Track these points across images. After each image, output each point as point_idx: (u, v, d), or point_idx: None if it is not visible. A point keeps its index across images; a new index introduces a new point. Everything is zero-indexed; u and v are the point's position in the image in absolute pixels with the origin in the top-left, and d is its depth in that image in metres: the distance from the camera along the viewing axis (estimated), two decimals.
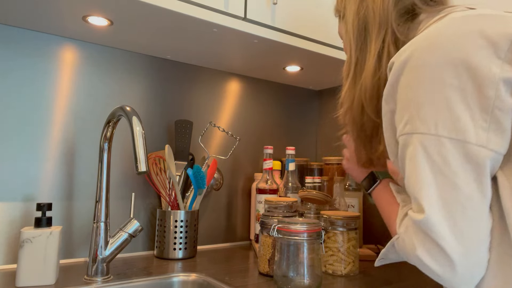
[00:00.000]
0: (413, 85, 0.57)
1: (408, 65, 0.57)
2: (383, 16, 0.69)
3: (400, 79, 0.58)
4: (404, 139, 0.58)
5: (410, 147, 0.57)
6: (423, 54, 0.56)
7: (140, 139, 0.79)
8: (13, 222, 0.96)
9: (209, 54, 1.18)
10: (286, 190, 1.19)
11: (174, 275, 0.90)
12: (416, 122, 0.56)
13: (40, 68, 1.01)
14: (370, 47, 0.70)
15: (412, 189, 0.57)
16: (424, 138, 0.55)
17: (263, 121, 1.44)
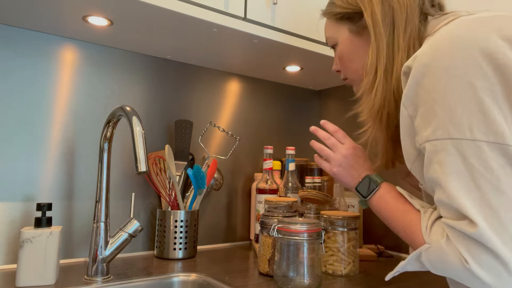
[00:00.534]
0: (440, 88, 0.54)
1: (432, 67, 0.55)
2: (410, 10, 0.67)
3: (422, 82, 0.56)
4: (434, 145, 0.55)
5: (442, 153, 0.54)
6: (446, 56, 0.54)
7: (140, 139, 0.79)
8: (13, 222, 0.96)
9: (209, 54, 1.18)
10: (286, 190, 1.19)
11: (174, 275, 0.90)
12: (448, 127, 0.53)
13: (40, 68, 1.01)
14: (399, 41, 0.67)
15: (450, 198, 0.54)
16: (460, 144, 0.52)
17: (263, 121, 1.44)
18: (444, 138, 0.54)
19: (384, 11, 0.69)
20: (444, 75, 0.54)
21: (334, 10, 0.77)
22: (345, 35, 0.77)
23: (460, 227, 0.53)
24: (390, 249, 1.24)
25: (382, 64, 0.68)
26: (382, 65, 0.68)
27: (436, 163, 0.55)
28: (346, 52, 0.78)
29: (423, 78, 0.56)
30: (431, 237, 0.58)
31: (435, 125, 0.55)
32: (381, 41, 0.68)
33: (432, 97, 0.55)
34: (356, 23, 0.74)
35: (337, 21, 0.78)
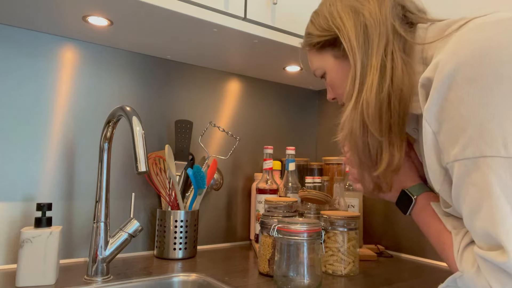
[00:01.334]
0: (468, 101, 0.49)
1: (458, 78, 0.50)
2: (382, 24, 0.64)
3: (447, 95, 0.51)
4: (465, 165, 0.50)
5: (476, 174, 0.49)
6: (475, 66, 0.50)
7: (140, 139, 0.79)
8: (13, 222, 0.96)
9: (209, 54, 1.18)
10: (286, 190, 1.19)
11: (174, 275, 0.90)
12: (479, 144, 0.48)
13: (40, 68, 1.01)
14: (371, 60, 0.64)
15: (484, 223, 0.50)
16: (494, 163, 0.48)
17: (263, 121, 1.44)
18: (477, 156, 0.49)
19: (357, 30, 0.66)
20: (471, 86, 0.49)
21: (312, 40, 0.74)
22: (331, 62, 0.73)
23: (491, 257, 0.49)
24: (390, 249, 1.24)
25: (356, 90, 0.65)
26: (356, 90, 0.65)
27: (469, 185, 0.51)
28: (336, 79, 0.74)
29: (448, 91, 0.51)
30: (463, 265, 0.55)
31: (464, 142, 0.50)
32: (357, 64, 0.65)
33: (460, 112, 0.50)
34: (339, 47, 0.70)
35: (320, 51, 0.74)
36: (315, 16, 0.75)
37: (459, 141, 0.50)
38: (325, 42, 0.72)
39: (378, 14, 0.65)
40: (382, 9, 0.65)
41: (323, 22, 0.72)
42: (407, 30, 0.65)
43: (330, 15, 0.70)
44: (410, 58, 0.64)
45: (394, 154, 0.65)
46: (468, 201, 0.52)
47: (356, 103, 0.65)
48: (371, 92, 0.62)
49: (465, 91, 0.50)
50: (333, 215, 0.97)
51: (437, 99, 0.53)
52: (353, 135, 0.65)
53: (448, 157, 0.53)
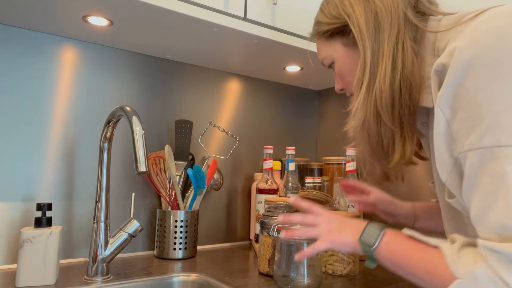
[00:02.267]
0: (487, 89, 0.48)
1: (476, 65, 0.49)
2: (394, 12, 0.63)
3: (464, 81, 0.50)
4: (481, 154, 0.49)
5: (492, 164, 0.48)
6: (493, 53, 0.49)
7: (140, 139, 0.79)
8: (13, 222, 0.96)
9: (209, 54, 1.18)
10: (286, 190, 1.19)
11: (174, 275, 0.90)
12: (497, 133, 0.47)
13: (40, 68, 1.01)
14: (383, 48, 0.62)
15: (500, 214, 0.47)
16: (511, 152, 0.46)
17: (263, 121, 1.44)
18: (493, 145, 0.47)
19: (367, 17, 0.64)
20: (491, 73, 0.48)
21: (322, 28, 0.73)
22: (340, 50, 0.72)
23: (505, 249, 0.46)
24: None
25: (367, 78, 0.64)
26: (367, 78, 0.64)
27: (484, 175, 0.49)
28: (345, 67, 0.72)
29: (465, 78, 0.50)
30: (461, 269, 0.50)
31: (481, 131, 0.48)
32: (367, 51, 0.64)
33: (476, 100, 0.49)
34: (348, 35, 0.69)
35: (329, 39, 0.73)
36: (325, 3, 0.74)
37: (475, 130, 0.49)
38: (334, 30, 0.71)
39: (390, 1, 0.63)
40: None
41: (333, 9, 0.71)
42: (419, 18, 0.63)
43: (340, 2, 0.69)
44: (422, 48, 0.62)
45: (406, 145, 0.64)
46: (482, 192, 0.49)
47: (368, 92, 0.63)
48: (385, 81, 0.61)
49: (483, 79, 0.48)
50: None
51: (453, 86, 0.51)
52: (366, 124, 0.64)
53: (461, 146, 0.51)
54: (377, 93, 0.62)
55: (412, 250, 0.58)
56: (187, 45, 1.10)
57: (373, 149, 0.66)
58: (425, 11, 0.65)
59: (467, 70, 0.50)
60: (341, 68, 0.73)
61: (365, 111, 0.64)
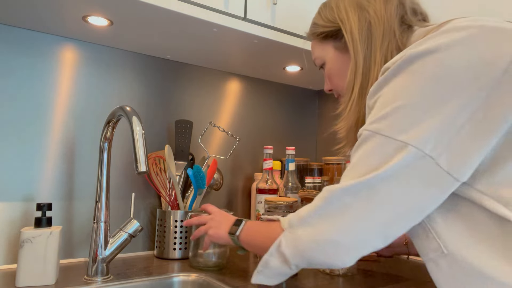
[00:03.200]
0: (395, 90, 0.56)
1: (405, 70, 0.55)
2: (387, 23, 0.67)
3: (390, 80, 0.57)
4: (364, 134, 0.58)
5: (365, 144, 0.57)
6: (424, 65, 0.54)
7: (140, 139, 0.79)
8: (13, 222, 0.96)
9: (209, 54, 1.18)
10: (286, 190, 1.19)
11: (174, 275, 0.90)
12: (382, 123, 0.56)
13: (40, 68, 1.01)
14: (375, 55, 0.68)
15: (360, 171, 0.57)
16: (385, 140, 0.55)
17: (263, 121, 1.44)
18: (373, 131, 0.56)
19: (361, 25, 0.69)
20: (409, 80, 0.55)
21: (317, 30, 0.78)
22: (331, 53, 0.76)
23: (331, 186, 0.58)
24: None
25: (359, 81, 0.68)
26: (358, 82, 0.68)
27: (359, 149, 0.58)
28: (334, 69, 0.77)
29: (392, 78, 0.57)
30: (286, 222, 0.63)
31: (374, 118, 0.57)
32: (358, 57, 0.69)
33: (388, 96, 0.57)
34: (340, 39, 0.73)
35: (322, 41, 0.78)
36: (323, 7, 0.79)
37: (373, 116, 0.57)
38: (328, 33, 0.76)
39: (383, 13, 0.68)
40: (388, 8, 0.68)
41: (329, 13, 0.75)
42: (404, 31, 0.69)
43: (337, 7, 0.74)
44: None
45: None
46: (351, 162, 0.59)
47: (361, 95, 0.68)
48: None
49: (403, 81, 0.55)
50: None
51: (381, 82, 0.58)
52: (359, 125, 0.68)
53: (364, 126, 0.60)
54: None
55: (261, 227, 0.73)
56: (187, 45, 1.10)
57: None
58: (410, 23, 0.70)
59: (397, 72, 0.56)
60: (330, 70, 0.78)
61: (358, 112, 0.69)
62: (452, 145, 0.52)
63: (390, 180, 0.54)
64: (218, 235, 0.82)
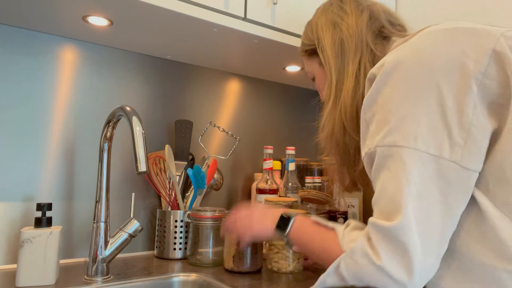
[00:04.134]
0: (396, 98, 0.57)
1: (393, 77, 0.58)
2: (358, 38, 0.72)
3: (382, 90, 0.59)
4: (383, 151, 0.57)
5: (389, 160, 0.57)
6: (408, 68, 0.57)
7: (140, 139, 0.79)
8: (13, 222, 0.96)
9: (209, 54, 1.18)
10: (286, 190, 1.19)
11: (174, 275, 0.90)
12: (396, 135, 0.56)
13: (40, 68, 1.01)
14: (347, 68, 0.71)
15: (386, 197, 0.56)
16: (403, 151, 0.55)
17: (263, 121, 1.44)
18: (392, 145, 0.56)
19: (333, 42, 0.74)
20: (403, 86, 0.57)
21: (303, 47, 0.83)
22: (316, 68, 0.81)
23: (381, 222, 0.55)
24: None
25: (333, 93, 0.72)
26: (333, 94, 0.72)
27: (383, 168, 0.58)
28: (319, 83, 0.82)
29: (383, 87, 0.58)
30: (347, 244, 0.59)
31: (386, 131, 0.57)
32: (332, 71, 0.73)
33: (388, 105, 0.58)
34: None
35: (309, 57, 0.83)
36: (307, 26, 0.84)
37: (382, 130, 0.58)
38: (311, 51, 0.81)
39: (355, 29, 0.73)
40: (359, 23, 0.73)
41: (309, 32, 0.81)
42: (378, 43, 0.73)
43: (315, 26, 0.80)
44: None
45: None
46: (380, 181, 0.58)
47: (335, 106, 0.72)
48: (348, 97, 0.70)
49: (395, 89, 0.57)
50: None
51: (374, 93, 0.60)
52: (334, 135, 0.72)
53: (371, 143, 0.60)
54: (342, 107, 0.71)
55: (314, 233, 0.68)
56: (187, 45, 1.10)
57: (342, 158, 0.74)
58: (389, 34, 0.73)
59: (386, 81, 0.58)
60: (317, 83, 0.84)
61: (333, 123, 0.72)
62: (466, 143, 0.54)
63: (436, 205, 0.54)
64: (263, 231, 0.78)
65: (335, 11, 0.77)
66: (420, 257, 0.53)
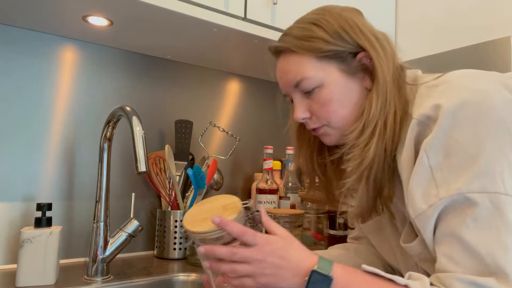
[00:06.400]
0: (473, 141, 0.53)
1: (463, 118, 0.54)
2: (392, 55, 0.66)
3: (452, 133, 0.54)
4: (467, 199, 0.52)
5: (477, 208, 0.52)
6: (476, 109, 0.54)
7: (140, 139, 0.79)
8: (13, 222, 0.96)
9: (209, 54, 1.18)
10: (286, 190, 1.19)
11: (174, 275, 0.90)
12: (483, 180, 0.52)
13: (40, 68, 1.01)
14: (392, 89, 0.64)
15: (487, 254, 0.51)
16: (496, 198, 0.51)
17: (263, 121, 1.44)
18: (480, 191, 0.52)
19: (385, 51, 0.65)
20: (478, 128, 0.53)
21: (321, 46, 0.66)
22: (334, 75, 0.66)
23: (488, 284, 0.50)
24: None
25: (383, 115, 0.62)
26: (383, 116, 0.62)
27: (467, 217, 0.52)
28: (337, 95, 0.66)
29: (453, 130, 0.54)
30: None
31: (470, 177, 0.52)
32: (385, 86, 0.63)
33: (467, 150, 0.53)
34: (349, 62, 0.66)
35: (321, 59, 0.66)
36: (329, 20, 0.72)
37: (464, 177, 0.53)
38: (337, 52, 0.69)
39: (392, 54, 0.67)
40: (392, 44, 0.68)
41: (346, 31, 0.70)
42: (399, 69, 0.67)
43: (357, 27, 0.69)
44: None
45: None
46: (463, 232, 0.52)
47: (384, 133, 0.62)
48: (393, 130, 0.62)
49: (469, 130, 0.53)
50: (277, 212, 0.99)
51: (441, 136, 0.54)
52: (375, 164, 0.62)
53: (447, 191, 0.53)
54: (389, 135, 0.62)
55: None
56: (187, 45, 1.10)
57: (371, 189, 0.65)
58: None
59: (453, 124, 0.54)
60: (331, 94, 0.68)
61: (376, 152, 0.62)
62: None
63: None
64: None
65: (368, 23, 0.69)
66: None
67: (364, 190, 0.65)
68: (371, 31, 0.67)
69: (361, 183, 0.64)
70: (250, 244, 0.57)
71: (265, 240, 0.57)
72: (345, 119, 0.66)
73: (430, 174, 0.55)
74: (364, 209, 0.68)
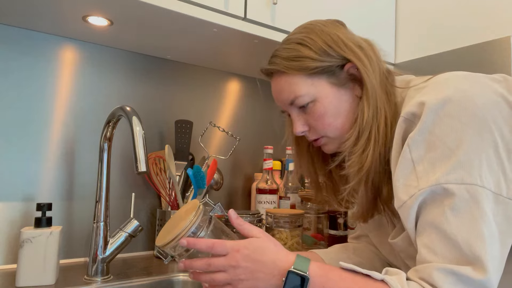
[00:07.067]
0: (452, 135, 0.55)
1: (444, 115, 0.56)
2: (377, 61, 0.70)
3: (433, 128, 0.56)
4: (445, 189, 0.54)
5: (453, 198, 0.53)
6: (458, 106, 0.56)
7: (140, 139, 0.79)
8: (13, 222, 0.96)
9: (209, 54, 1.18)
10: (286, 190, 1.19)
11: (174, 275, 0.90)
12: (461, 172, 0.54)
13: (40, 68, 1.01)
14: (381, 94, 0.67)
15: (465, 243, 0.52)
16: (473, 189, 0.53)
17: (263, 121, 1.44)
18: (458, 182, 0.53)
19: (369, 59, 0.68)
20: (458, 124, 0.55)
21: (309, 64, 0.68)
22: (326, 89, 0.69)
23: (466, 272, 0.51)
24: None
25: (376, 121, 0.65)
26: (376, 121, 0.65)
27: (446, 207, 0.54)
28: (331, 107, 0.69)
29: (434, 125, 0.56)
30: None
31: (447, 169, 0.54)
32: (374, 93, 0.66)
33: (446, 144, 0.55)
34: (338, 75, 0.69)
35: (311, 76, 0.69)
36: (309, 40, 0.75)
37: (441, 168, 0.55)
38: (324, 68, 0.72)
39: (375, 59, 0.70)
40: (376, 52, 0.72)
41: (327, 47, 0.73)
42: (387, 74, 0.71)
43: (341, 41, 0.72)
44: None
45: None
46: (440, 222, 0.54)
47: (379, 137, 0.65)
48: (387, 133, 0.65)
49: (450, 127, 0.55)
50: (278, 212, 0.99)
51: (424, 131, 0.57)
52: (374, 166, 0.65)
53: (426, 182, 0.55)
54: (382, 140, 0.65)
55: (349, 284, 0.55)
56: (187, 45, 1.10)
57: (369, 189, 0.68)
58: None
59: (436, 118, 0.56)
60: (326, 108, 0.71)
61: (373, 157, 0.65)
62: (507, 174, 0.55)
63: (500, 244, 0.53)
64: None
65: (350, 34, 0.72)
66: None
67: (363, 193, 0.68)
68: (354, 42, 0.70)
69: (360, 187, 0.67)
70: (223, 254, 0.61)
71: (235, 247, 0.61)
72: (341, 128, 0.70)
73: (412, 167, 0.58)
74: (364, 210, 0.71)
